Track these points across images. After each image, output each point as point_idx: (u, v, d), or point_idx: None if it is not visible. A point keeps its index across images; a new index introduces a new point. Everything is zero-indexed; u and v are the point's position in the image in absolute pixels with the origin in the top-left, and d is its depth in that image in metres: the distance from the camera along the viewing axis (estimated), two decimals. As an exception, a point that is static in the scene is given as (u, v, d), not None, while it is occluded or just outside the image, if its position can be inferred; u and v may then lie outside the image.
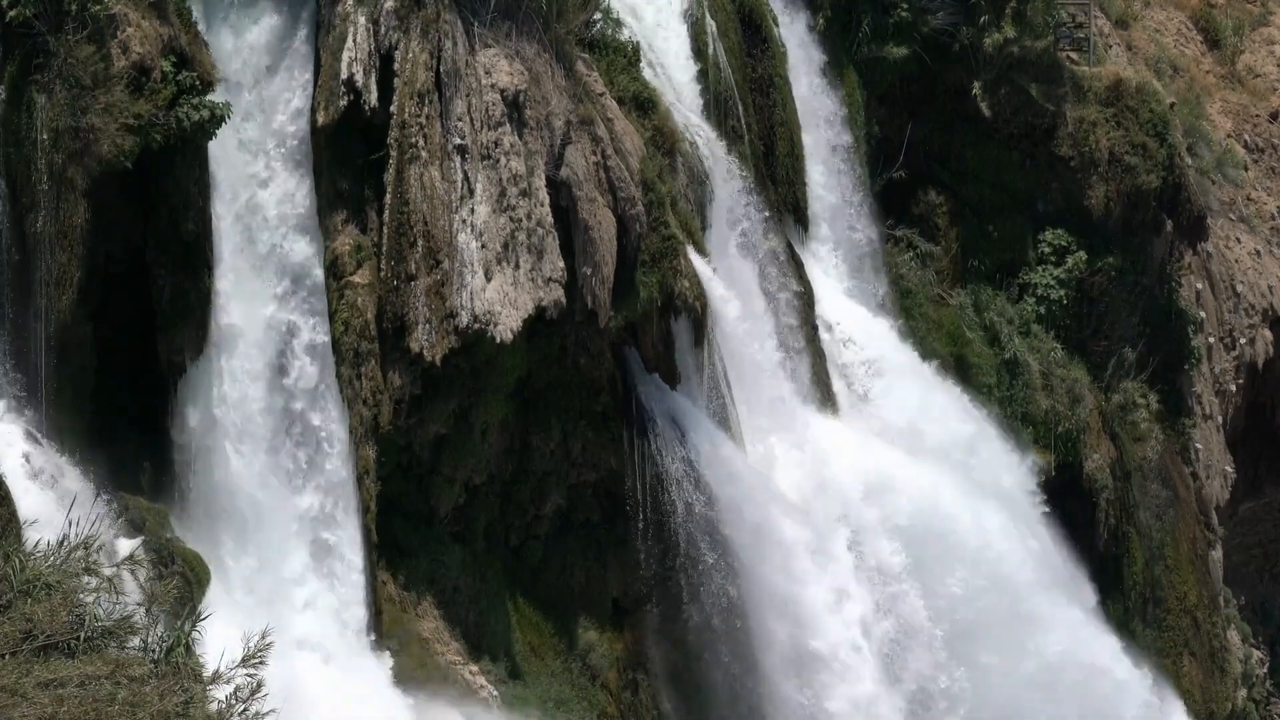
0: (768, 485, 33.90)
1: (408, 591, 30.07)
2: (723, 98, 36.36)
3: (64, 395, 25.79)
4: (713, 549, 32.57)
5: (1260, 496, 51.05)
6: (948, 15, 41.80)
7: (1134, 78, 44.86)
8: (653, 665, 33.06)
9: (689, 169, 34.48)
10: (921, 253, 42.10)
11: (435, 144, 29.31)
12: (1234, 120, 52.36)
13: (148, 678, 12.86)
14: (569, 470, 32.15)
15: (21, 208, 25.42)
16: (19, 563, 13.63)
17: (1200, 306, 46.55)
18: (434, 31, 29.55)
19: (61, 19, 25.27)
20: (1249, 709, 47.59)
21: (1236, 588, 49.35)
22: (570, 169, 30.53)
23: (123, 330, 26.85)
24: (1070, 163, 43.42)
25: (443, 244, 29.12)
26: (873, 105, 41.44)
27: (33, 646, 12.71)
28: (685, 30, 36.25)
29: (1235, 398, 48.43)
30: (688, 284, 32.32)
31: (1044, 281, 42.94)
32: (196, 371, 27.37)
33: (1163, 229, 44.52)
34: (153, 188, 26.60)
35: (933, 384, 39.67)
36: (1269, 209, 51.94)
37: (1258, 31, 55.48)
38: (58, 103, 25.20)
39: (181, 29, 26.67)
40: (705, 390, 33.45)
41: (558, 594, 32.03)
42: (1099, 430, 42.72)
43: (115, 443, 26.57)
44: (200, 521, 27.51)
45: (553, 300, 29.95)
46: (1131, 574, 43.23)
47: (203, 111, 26.20)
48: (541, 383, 31.64)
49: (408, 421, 29.58)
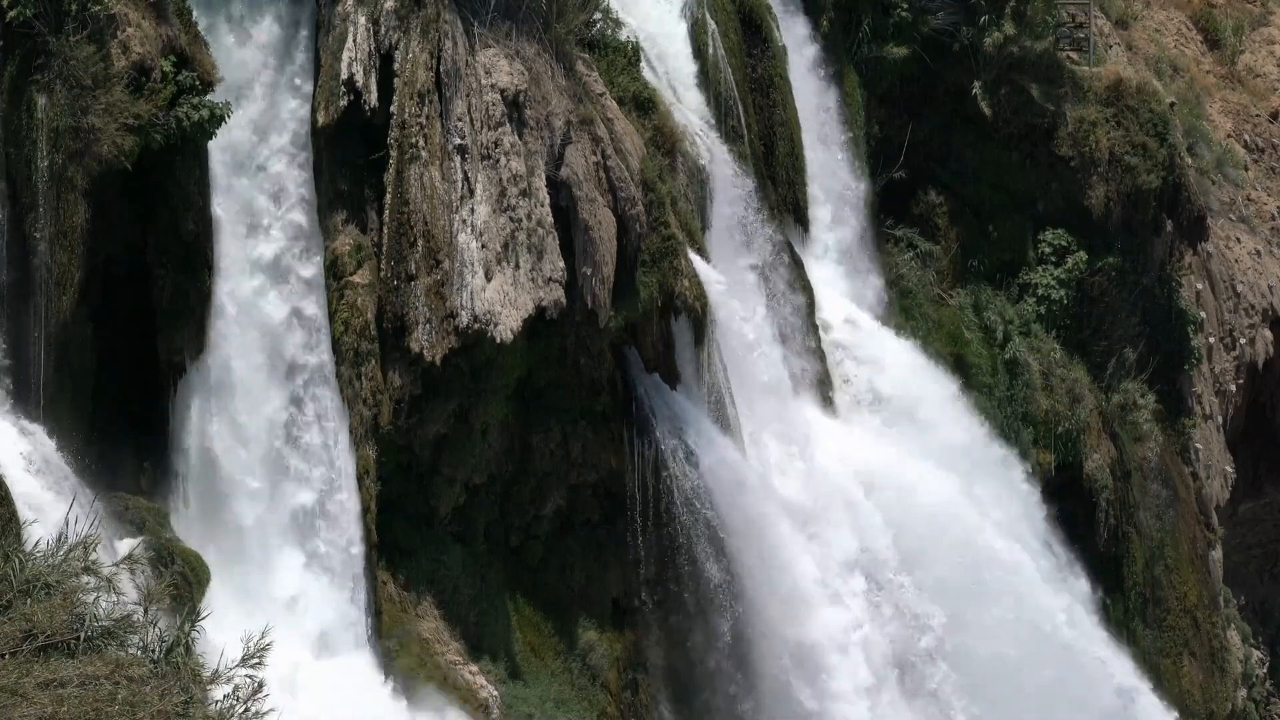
0: (767, 485, 33.91)
1: (408, 591, 30.07)
2: (723, 98, 36.36)
3: (64, 395, 25.79)
4: (712, 549, 32.56)
5: (1260, 496, 51.04)
6: (948, 15, 41.81)
7: (1134, 78, 44.85)
8: (653, 665, 33.06)
9: (689, 169, 34.48)
10: (921, 253, 42.09)
11: (435, 144, 29.31)
12: (1234, 120, 52.36)
13: (147, 678, 12.85)
14: (569, 470, 32.15)
15: (21, 208, 25.42)
16: (19, 562, 13.63)
17: (1200, 306, 46.54)
18: (434, 31, 29.55)
19: (61, 19, 25.27)
20: (1249, 709, 47.58)
21: (1236, 588, 49.34)
22: (570, 169, 30.53)
23: (123, 330, 26.85)
24: (1070, 163, 43.41)
25: (443, 244, 29.12)
26: (873, 105, 41.44)
27: (33, 647, 12.71)
28: (685, 30, 36.25)
29: (1235, 398, 48.42)
30: (688, 284, 32.32)
31: (1044, 281, 42.93)
32: (196, 371, 27.37)
33: (1163, 229, 44.52)
34: (153, 188, 26.60)
35: (932, 383, 39.65)
36: (1269, 209, 51.93)
37: (1258, 31, 55.47)
38: (58, 103, 25.20)
39: (181, 29, 26.68)
40: (705, 390, 33.45)
41: (558, 594, 32.03)
42: (1099, 430, 42.72)
43: (115, 443, 26.57)
44: (200, 521, 27.52)
45: (553, 300, 29.96)
46: (1131, 574, 43.22)
47: (202, 111, 26.20)
48: (541, 383, 31.64)
49: (408, 421, 29.58)
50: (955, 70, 42.42)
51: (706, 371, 33.40)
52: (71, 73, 25.23)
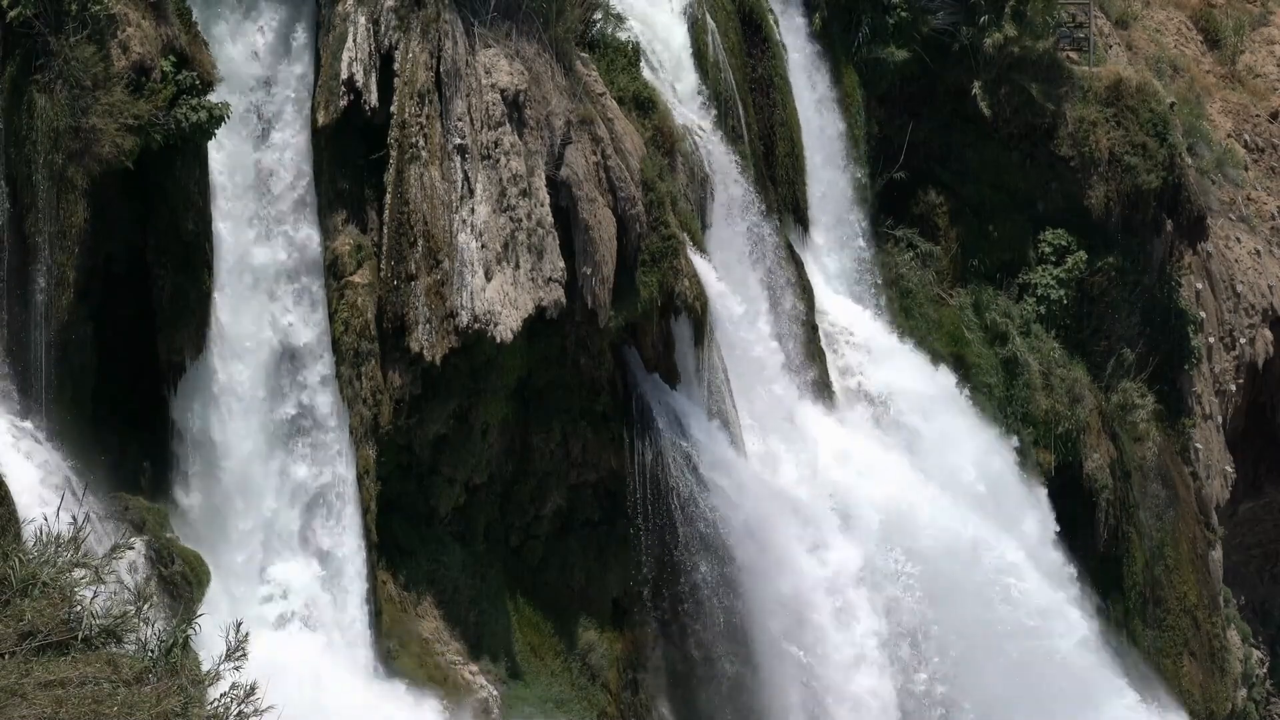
0: (767, 484, 33.91)
1: (408, 591, 30.08)
2: (723, 98, 36.35)
3: (64, 394, 25.80)
4: (712, 549, 32.58)
5: (1260, 496, 51.04)
6: (948, 15, 41.81)
7: (1134, 78, 44.85)
8: (653, 665, 33.07)
9: (689, 169, 34.48)
10: (921, 253, 42.09)
11: (435, 144, 29.32)
12: (1234, 120, 52.36)
13: (146, 678, 12.86)
14: (569, 470, 32.16)
15: (21, 208, 25.43)
16: (18, 562, 13.64)
17: (1200, 306, 46.55)
18: (434, 31, 29.56)
19: (62, 19, 25.27)
20: (1249, 709, 47.58)
21: (1236, 588, 49.35)
22: (570, 169, 30.54)
23: (123, 330, 26.86)
24: (1070, 163, 43.42)
25: (443, 244, 29.13)
26: (873, 105, 41.44)
27: (31, 646, 12.72)
28: (685, 30, 36.24)
29: (1235, 398, 48.43)
30: (688, 284, 32.33)
31: (1044, 281, 42.93)
32: (196, 371, 27.38)
33: (1163, 229, 44.51)
34: (153, 188, 26.61)
35: (932, 383, 39.66)
36: (1269, 209, 51.93)
37: (1258, 31, 55.47)
38: (58, 103, 25.20)
39: (181, 29, 26.69)
40: (705, 390, 33.45)
41: (558, 594, 32.05)
42: (1099, 430, 42.72)
43: (115, 442, 26.58)
44: (200, 521, 27.53)
45: (553, 300, 29.97)
46: (1131, 574, 43.23)
47: (201, 112, 26.20)
48: (541, 383, 31.65)
49: (408, 421, 29.59)
50: (955, 70, 42.42)
51: (706, 371, 33.41)
52: (72, 73, 25.24)
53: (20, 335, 25.50)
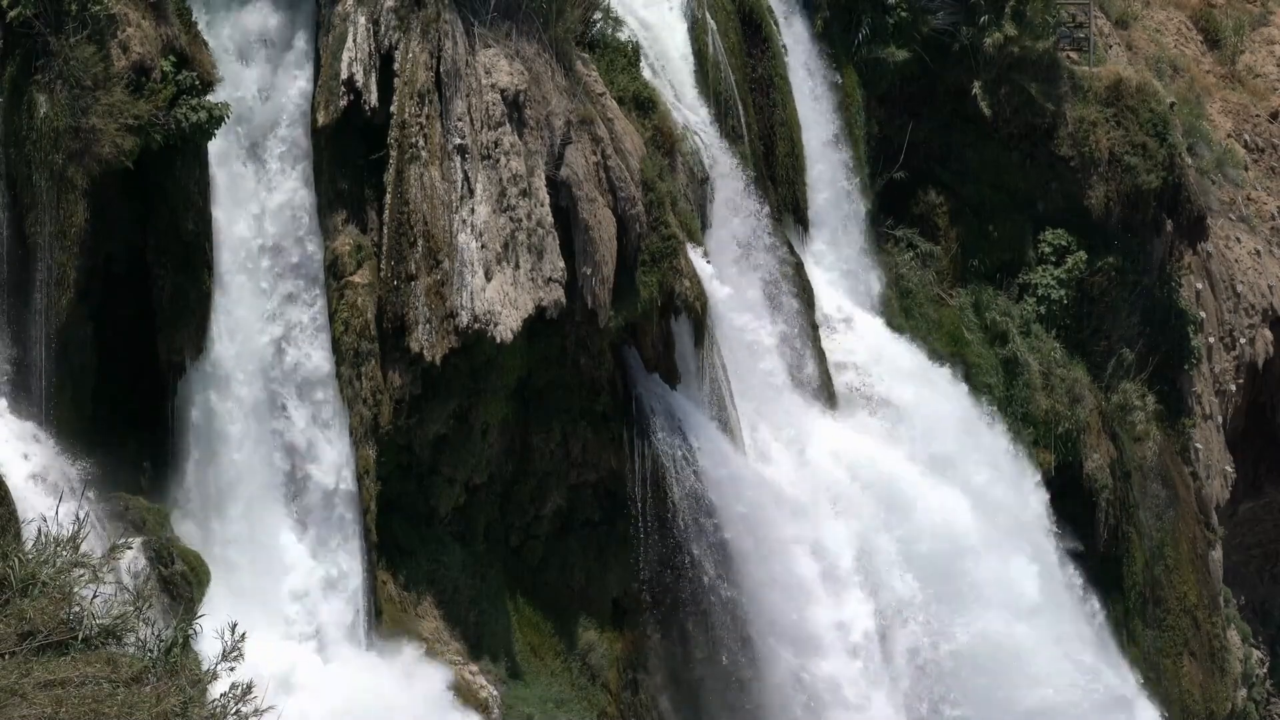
0: (767, 484, 33.92)
1: (408, 591, 30.08)
2: (723, 98, 36.36)
3: (64, 394, 25.80)
4: (712, 549, 32.58)
5: (1260, 496, 51.06)
6: (948, 15, 41.81)
7: (1134, 78, 44.86)
8: (653, 665, 33.07)
9: (689, 169, 34.49)
10: (921, 253, 42.10)
11: (435, 144, 29.32)
12: (1234, 120, 52.37)
13: (146, 678, 12.87)
14: (569, 470, 32.16)
15: (21, 208, 25.43)
16: (18, 562, 13.65)
17: (1200, 306, 46.56)
18: (434, 31, 29.56)
19: (61, 19, 25.27)
20: (1249, 709, 47.60)
21: (1236, 588, 49.36)
22: (570, 169, 30.55)
23: (123, 330, 26.87)
24: (1070, 163, 43.43)
25: (443, 244, 29.13)
26: (873, 105, 41.44)
27: (31, 646, 12.72)
28: (685, 30, 36.25)
29: (1235, 398, 48.45)
30: (688, 284, 32.34)
31: (1044, 281, 42.95)
32: (196, 371, 27.39)
33: (1163, 229, 44.52)
34: (153, 188, 26.61)
35: (932, 383, 39.67)
36: (1269, 209, 51.95)
37: (1258, 31, 55.49)
38: (58, 103, 25.20)
39: (181, 29, 26.69)
40: (705, 390, 33.46)
41: (558, 594, 32.05)
42: (1099, 430, 42.73)
43: (115, 442, 26.58)
44: (200, 521, 27.53)
45: (553, 300, 29.97)
46: (1131, 574, 43.24)
47: (201, 113, 26.20)
48: (541, 383, 31.65)
49: (408, 421, 29.59)
50: (955, 70, 42.43)
51: (706, 371, 33.42)
52: (72, 73, 25.24)
53: (20, 335, 25.50)
